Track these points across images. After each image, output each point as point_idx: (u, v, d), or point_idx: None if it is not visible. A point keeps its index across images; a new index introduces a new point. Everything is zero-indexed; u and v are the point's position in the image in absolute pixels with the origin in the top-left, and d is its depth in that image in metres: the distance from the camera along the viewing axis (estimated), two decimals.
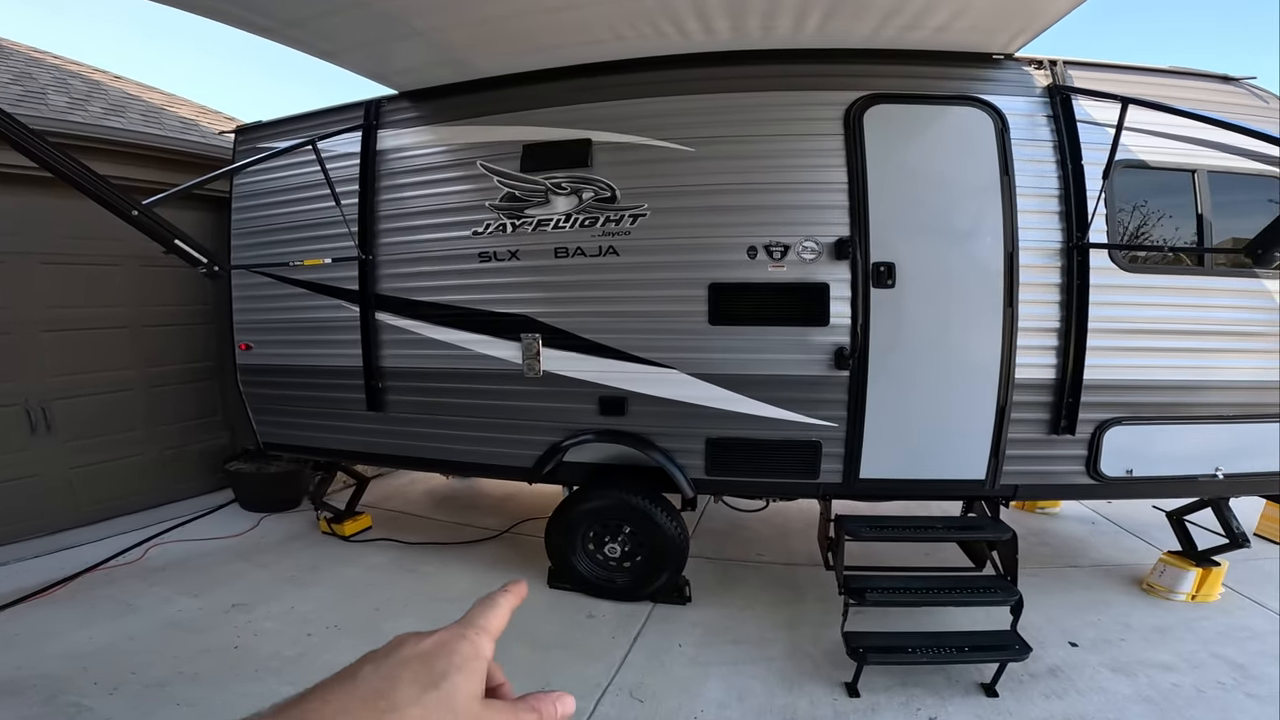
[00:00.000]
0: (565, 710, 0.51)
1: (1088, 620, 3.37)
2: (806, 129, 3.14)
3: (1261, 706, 2.60)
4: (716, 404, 3.33)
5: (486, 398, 3.66)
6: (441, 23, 2.80)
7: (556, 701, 0.50)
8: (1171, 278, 3.17)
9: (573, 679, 2.92)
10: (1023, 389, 3.17)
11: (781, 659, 3.09)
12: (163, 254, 4.90)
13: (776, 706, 2.75)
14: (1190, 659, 2.97)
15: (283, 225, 4.09)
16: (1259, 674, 2.82)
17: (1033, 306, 3.12)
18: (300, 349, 4.09)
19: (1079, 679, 2.87)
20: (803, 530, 4.67)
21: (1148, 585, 3.70)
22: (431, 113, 3.67)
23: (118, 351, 4.70)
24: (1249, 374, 3.14)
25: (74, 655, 2.95)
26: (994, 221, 3.09)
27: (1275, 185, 3.04)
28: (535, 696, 0.49)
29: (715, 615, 3.51)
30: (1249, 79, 3.10)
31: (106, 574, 3.85)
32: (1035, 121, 3.08)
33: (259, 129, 4.24)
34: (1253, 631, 3.18)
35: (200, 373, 5.25)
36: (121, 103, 5.06)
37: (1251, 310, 3.12)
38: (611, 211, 3.33)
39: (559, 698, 0.50)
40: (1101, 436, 3.20)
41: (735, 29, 2.86)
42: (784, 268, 3.20)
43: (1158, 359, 3.15)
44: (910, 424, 3.27)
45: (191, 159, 4.78)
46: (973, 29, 2.71)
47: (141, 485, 4.79)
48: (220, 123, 5.64)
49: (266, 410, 4.33)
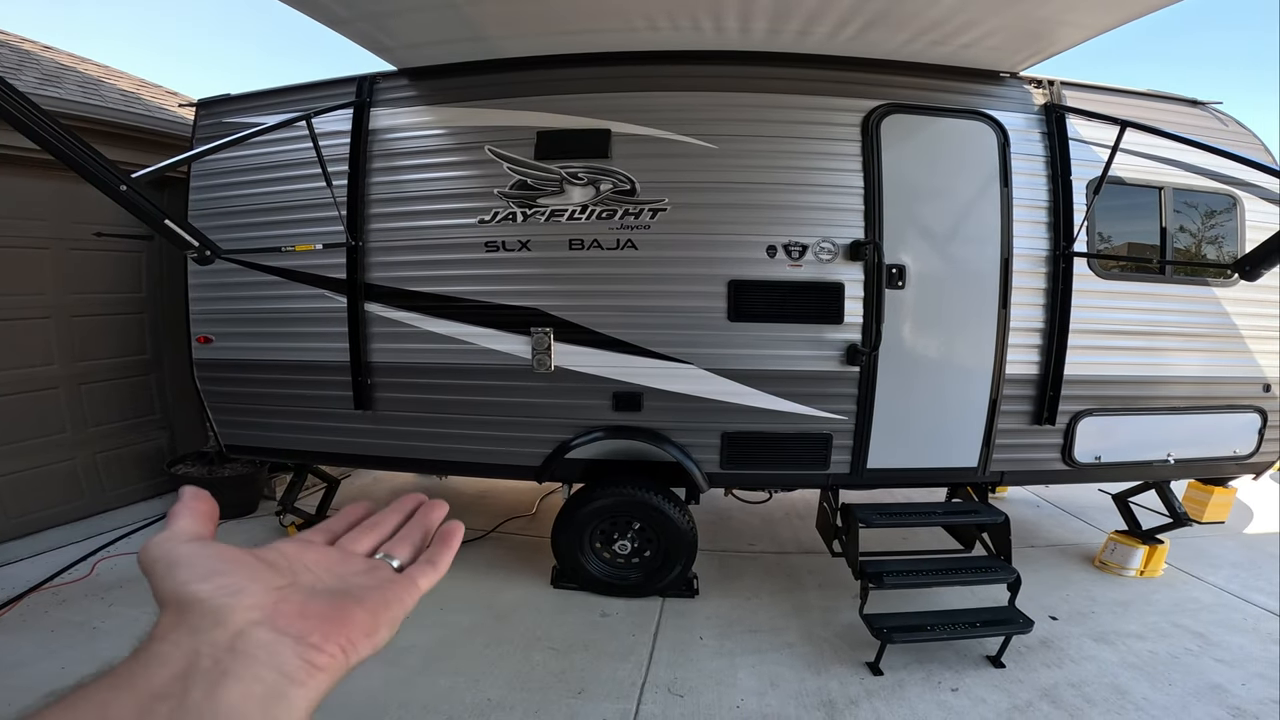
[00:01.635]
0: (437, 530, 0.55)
1: (1059, 596, 3.70)
2: (827, 133, 3.24)
3: (1231, 670, 2.95)
4: (733, 399, 3.38)
5: (490, 394, 3.53)
6: None
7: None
8: (1137, 284, 3.53)
9: (605, 680, 2.89)
10: (1011, 383, 3.43)
11: (800, 644, 3.20)
12: (94, 236, 4.44)
13: (810, 690, 2.84)
14: (1155, 629, 3.33)
15: (252, 208, 3.73)
16: (1219, 641, 3.19)
17: (1022, 308, 3.39)
18: (274, 342, 3.76)
19: (1069, 649, 3.15)
20: (785, 519, 4.83)
21: (1100, 562, 4.11)
22: (434, 92, 3.48)
23: (40, 345, 4.13)
24: (1197, 370, 3.55)
25: (50, 689, 2.58)
26: (993, 229, 3.32)
27: (1227, 201, 3.47)
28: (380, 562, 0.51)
29: (725, 606, 3.56)
30: (1215, 103, 3.50)
31: (54, 593, 3.39)
32: (1031, 137, 3.33)
33: (224, 103, 3.84)
34: (1201, 603, 3.60)
35: (134, 367, 4.71)
36: (56, 73, 4.44)
37: (1201, 314, 3.53)
38: (631, 204, 3.29)
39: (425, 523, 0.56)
40: (1075, 426, 3.52)
41: (772, 30, 2.90)
42: (801, 267, 3.29)
43: (1124, 356, 3.50)
44: (912, 416, 3.46)
45: (146, 134, 4.29)
46: (994, 49, 2.90)
47: (74, 493, 4.24)
48: (162, 96, 5.08)
49: (230, 410, 3.94)
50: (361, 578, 0.47)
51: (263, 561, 0.43)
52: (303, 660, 0.38)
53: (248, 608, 0.39)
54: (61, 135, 2.17)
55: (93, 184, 2.35)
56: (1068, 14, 2.63)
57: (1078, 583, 3.88)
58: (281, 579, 0.43)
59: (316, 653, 0.38)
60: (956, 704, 2.75)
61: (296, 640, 0.38)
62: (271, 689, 0.36)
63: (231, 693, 0.35)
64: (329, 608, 0.42)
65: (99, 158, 2.30)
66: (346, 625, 0.41)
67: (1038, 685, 2.86)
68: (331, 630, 0.40)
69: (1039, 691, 2.82)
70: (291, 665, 0.37)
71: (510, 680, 2.86)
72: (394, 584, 0.48)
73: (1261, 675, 2.92)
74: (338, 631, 0.40)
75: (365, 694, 2.70)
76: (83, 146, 2.24)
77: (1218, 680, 2.88)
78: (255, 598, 0.39)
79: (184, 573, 0.40)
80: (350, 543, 0.53)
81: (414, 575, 0.50)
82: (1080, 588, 3.81)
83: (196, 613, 0.37)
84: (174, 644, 0.36)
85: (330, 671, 0.39)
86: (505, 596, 3.59)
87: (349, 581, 0.46)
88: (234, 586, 0.39)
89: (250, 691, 0.35)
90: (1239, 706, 2.70)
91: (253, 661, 0.36)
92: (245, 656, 0.36)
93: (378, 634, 0.43)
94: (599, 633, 3.28)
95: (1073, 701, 2.75)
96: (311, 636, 0.39)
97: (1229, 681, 2.87)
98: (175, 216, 2.65)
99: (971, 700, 2.77)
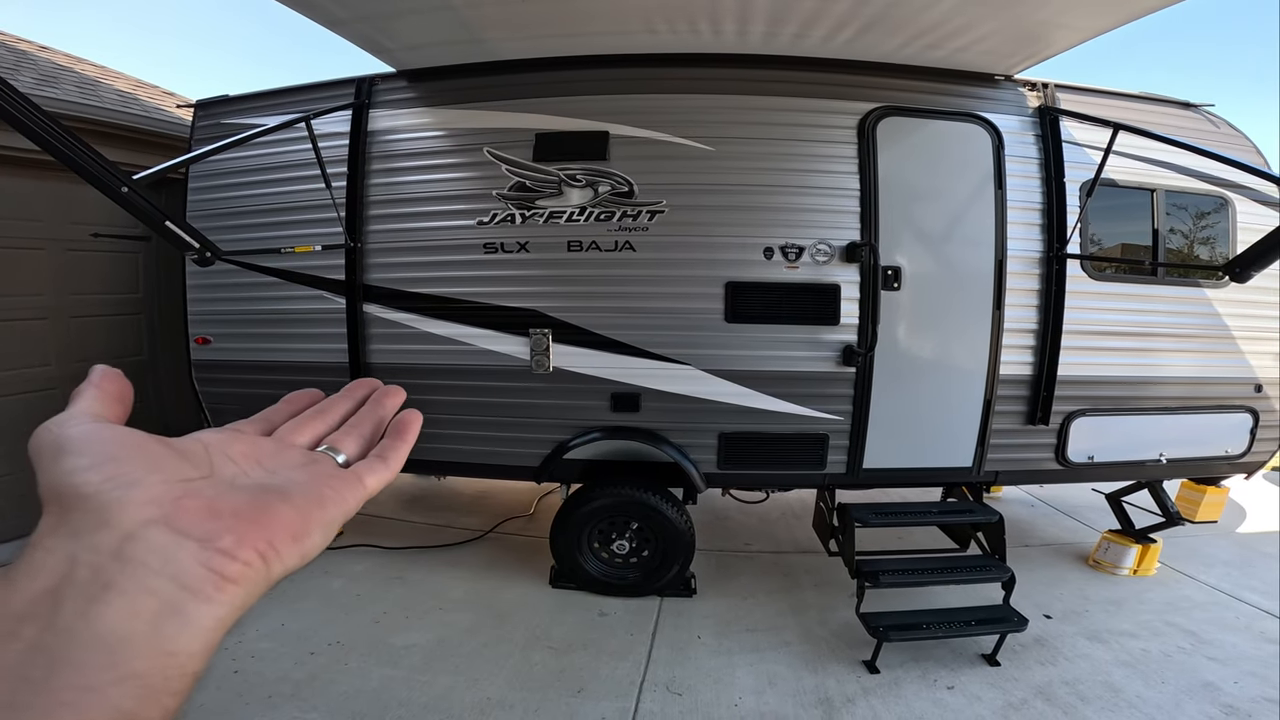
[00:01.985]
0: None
1: (1053, 594, 3.73)
2: (824, 135, 3.27)
3: (1223, 668, 2.98)
4: (731, 399, 3.40)
5: (489, 395, 3.54)
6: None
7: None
8: (1129, 286, 3.56)
9: (604, 679, 2.90)
10: (1005, 384, 3.46)
11: (798, 643, 3.21)
12: (90, 237, 4.44)
13: (807, 688, 2.86)
14: (1148, 627, 3.36)
15: (250, 209, 3.74)
16: (1211, 639, 3.23)
17: (1016, 309, 3.42)
18: (273, 343, 3.77)
19: (1063, 647, 3.18)
20: (781, 519, 4.85)
21: (1094, 561, 4.14)
22: (433, 94, 3.49)
23: (37, 346, 4.13)
24: (1189, 370, 3.58)
25: None
26: (987, 231, 3.35)
27: (1218, 202, 3.51)
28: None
29: (722, 606, 3.58)
30: (1207, 106, 3.54)
31: None
32: (1025, 139, 3.36)
33: (223, 104, 3.85)
34: (1194, 602, 3.64)
35: (131, 368, 4.67)
36: (53, 74, 4.44)
37: (1193, 315, 3.56)
38: (629, 206, 3.31)
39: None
40: (1069, 426, 3.55)
41: (769, 33, 2.93)
42: (798, 269, 3.31)
43: (1117, 357, 3.53)
44: (908, 416, 3.48)
45: (143, 135, 4.28)
46: (989, 52, 2.93)
47: None
48: (159, 97, 5.07)
49: (228, 411, 3.94)
50: (296, 471, 0.40)
51: (173, 450, 0.35)
52: (207, 569, 0.31)
53: (141, 503, 0.31)
54: (64, 137, 2.18)
55: (94, 185, 2.35)
56: (1062, 17, 2.66)
57: (1072, 581, 3.91)
58: (194, 470, 0.35)
59: (227, 560, 0.31)
60: (952, 701, 2.77)
61: (201, 544, 0.31)
62: (166, 603, 0.29)
63: (112, 609, 0.28)
64: (248, 504, 0.34)
65: (101, 159, 2.30)
66: (268, 526, 0.34)
67: (1032, 683, 2.89)
68: (248, 532, 0.33)
69: (1033, 689, 2.85)
70: (193, 575, 0.30)
71: (510, 679, 2.87)
72: (334, 479, 0.40)
73: (1253, 673, 2.95)
74: (255, 533, 0.33)
75: (366, 693, 2.71)
76: (84, 148, 2.25)
77: (1210, 678, 2.92)
78: (152, 491, 0.32)
79: (70, 461, 0.32)
80: (289, 433, 0.45)
81: (361, 472, 0.42)
82: (1074, 586, 3.84)
83: (80, 511, 0.31)
84: (48, 550, 0.30)
85: (246, 583, 0.32)
86: (504, 596, 3.60)
87: (280, 476, 0.39)
88: (128, 478, 0.32)
89: (136, 607, 0.29)
90: (1231, 704, 2.73)
91: (142, 570, 0.29)
92: (133, 564, 0.29)
93: (308, 538, 0.36)
94: (598, 632, 3.30)
95: (1067, 699, 2.77)
96: (221, 540, 0.32)
97: (1221, 679, 2.90)
98: (174, 218, 2.65)
99: (967, 698, 2.79)
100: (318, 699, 2.64)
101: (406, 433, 0.47)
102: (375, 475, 0.43)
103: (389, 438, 0.47)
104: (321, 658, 2.97)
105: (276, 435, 0.45)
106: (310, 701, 2.62)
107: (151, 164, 2.61)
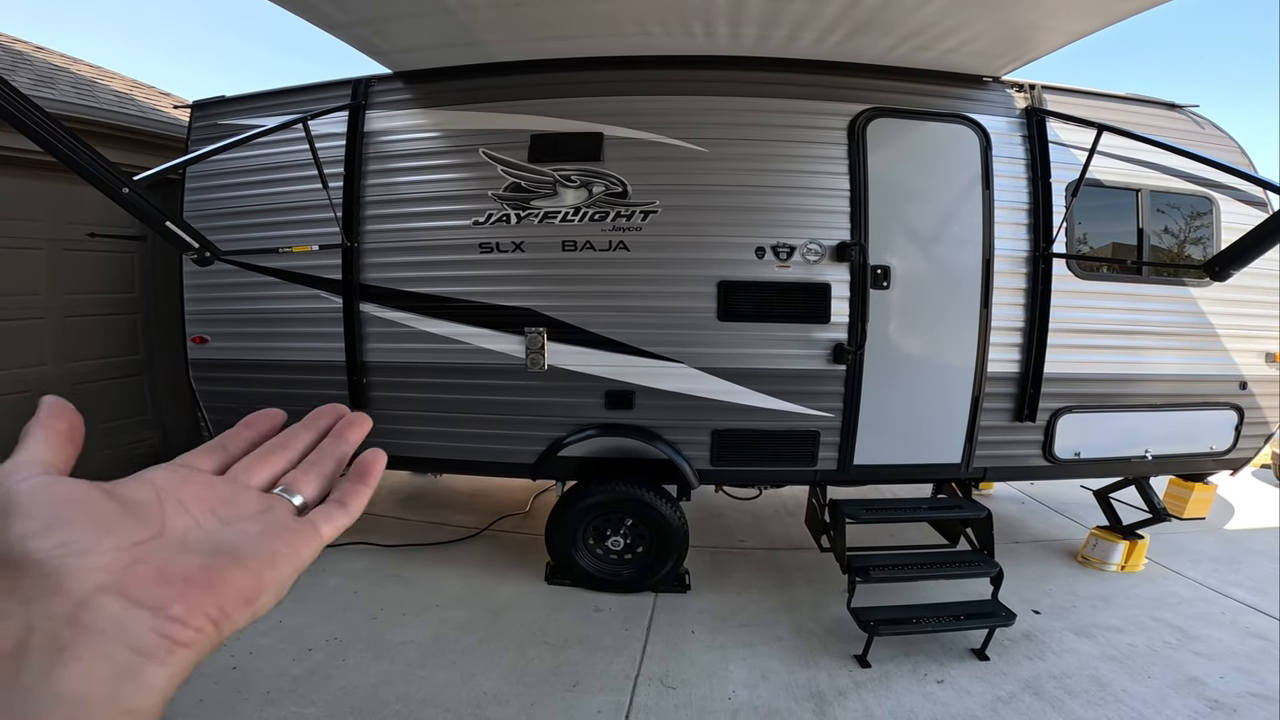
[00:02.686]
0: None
1: (1042, 590, 3.78)
2: (814, 136, 3.31)
3: (1209, 663, 3.03)
4: (723, 397, 3.44)
5: (485, 393, 3.57)
6: (475, 0, 2.71)
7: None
8: (1115, 284, 3.62)
9: (599, 674, 2.93)
10: (993, 381, 3.51)
11: (790, 638, 3.25)
12: (87, 237, 4.46)
13: (799, 682, 2.90)
14: (1135, 623, 3.41)
15: (248, 209, 3.77)
16: (1197, 635, 3.28)
17: (1003, 308, 3.47)
18: (270, 342, 3.79)
19: (1051, 642, 3.22)
20: (775, 516, 4.90)
21: (1083, 557, 4.19)
22: (429, 95, 3.53)
23: (34, 346, 4.15)
24: (1175, 368, 3.64)
25: None
26: (975, 230, 3.40)
27: (1203, 202, 3.56)
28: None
29: (717, 601, 3.62)
30: (1192, 106, 3.59)
31: None
32: (1012, 140, 3.41)
33: (220, 105, 3.88)
34: (1180, 597, 3.69)
35: (127, 368, 4.73)
36: (49, 74, 4.46)
37: (1178, 314, 3.62)
38: (623, 207, 3.35)
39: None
40: (1055, 423, 3.61)
41: (761, 36, 2.97)
42: (789, 268, 3.36)
43: (1102, 355, 3.58)
44: (898, 413, 3.53)
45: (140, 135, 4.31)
46: (977, 54, 2.98)
47: None
48: (155, 97, 5.10)
49: (226, 410, 3.97)
50: (250, 523, 0.40)
51: (123, 506, 0.35)
52: (160, 635, 0.32)
53: (92, 570, 0.32)
54: (66, 139, 2.20)
55: (95, 186, 2.38)
56: (1048, 19, 2.71)
57: (1060, 577, 3.96)
58: (144, 529, 0.35)
59: (178, 626, 0.32)
60: (942, 695, 2.81)
61: (152, 612, 0.32)
62: (121, 667, 0.30)
63: (71, 673, 0.29)
64: (199, 569, 0.35)
65: (102, 160, 2.33)
66: (219, 592, 0.34)
67: (1020, 677, 2.93)
68: (199, 599, 0.33)
69: (1021, 683, 2.89)
70: (146, 641, 0.31)
71: (506, 674, 2.90)
72: (289, 533, 0.40)
73: (1239, 668, 2.99)
74: (207, 600, 0.34)
75: (363, 689, 2.74)
76: (86, 150, 2.28)
77: (1195, 673, 2.96)
78: (103, 558, 0.32)
79: (20, 524, 0.32)
80: (245, 471, 0.45)
81: (317, 521, 0.42)
82: (1062, 582, 3.89)
83: (31, 576, 0.31)
84: (4, 615, 0.30)
85: (197, 647, 0.33)
86: (500, 593, 3.64)
87: (233, 529, 0.39)
88: (79, 545, 0.32)
89: (94, 671, 0.30)
90: (1216, 699, 2.78)
91: (97, 637, 0.30)
92: (88, 631, 0.30)
93: (259, 600, 0.36)
94: (593, 628, 3.33)
95: (1054, 693, 2.82)
96: (173, 607, 0.32)
97: (1207, 674, 2.95)
98: (175, 218, 2.68)
99: (956, 691, 2.84)
100: (315, 695, 2.67)
101: (368, 475, 0.47)
102: (332, 524, 0.43)
103: (350, 480, 0.46)
104: (319, 654, 3.00)
105: (231, 474, 0.44)
106: (308, 697, 2.65)
107: (148, 164, 2.64)
